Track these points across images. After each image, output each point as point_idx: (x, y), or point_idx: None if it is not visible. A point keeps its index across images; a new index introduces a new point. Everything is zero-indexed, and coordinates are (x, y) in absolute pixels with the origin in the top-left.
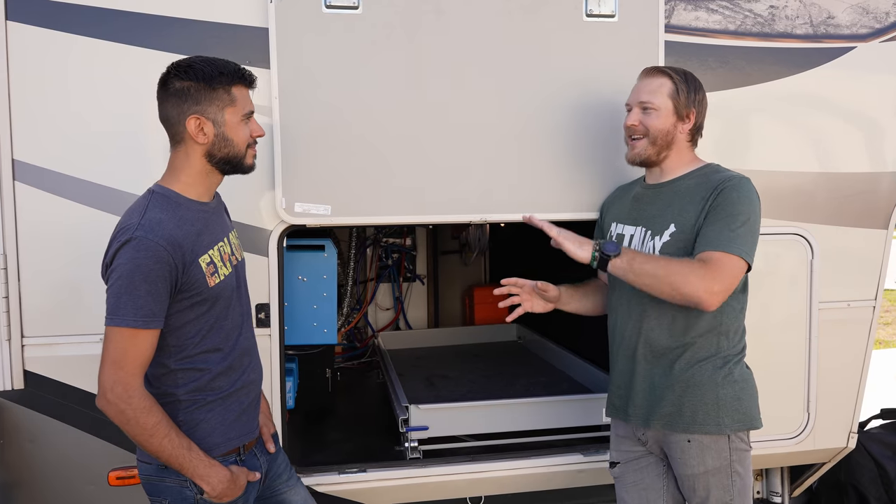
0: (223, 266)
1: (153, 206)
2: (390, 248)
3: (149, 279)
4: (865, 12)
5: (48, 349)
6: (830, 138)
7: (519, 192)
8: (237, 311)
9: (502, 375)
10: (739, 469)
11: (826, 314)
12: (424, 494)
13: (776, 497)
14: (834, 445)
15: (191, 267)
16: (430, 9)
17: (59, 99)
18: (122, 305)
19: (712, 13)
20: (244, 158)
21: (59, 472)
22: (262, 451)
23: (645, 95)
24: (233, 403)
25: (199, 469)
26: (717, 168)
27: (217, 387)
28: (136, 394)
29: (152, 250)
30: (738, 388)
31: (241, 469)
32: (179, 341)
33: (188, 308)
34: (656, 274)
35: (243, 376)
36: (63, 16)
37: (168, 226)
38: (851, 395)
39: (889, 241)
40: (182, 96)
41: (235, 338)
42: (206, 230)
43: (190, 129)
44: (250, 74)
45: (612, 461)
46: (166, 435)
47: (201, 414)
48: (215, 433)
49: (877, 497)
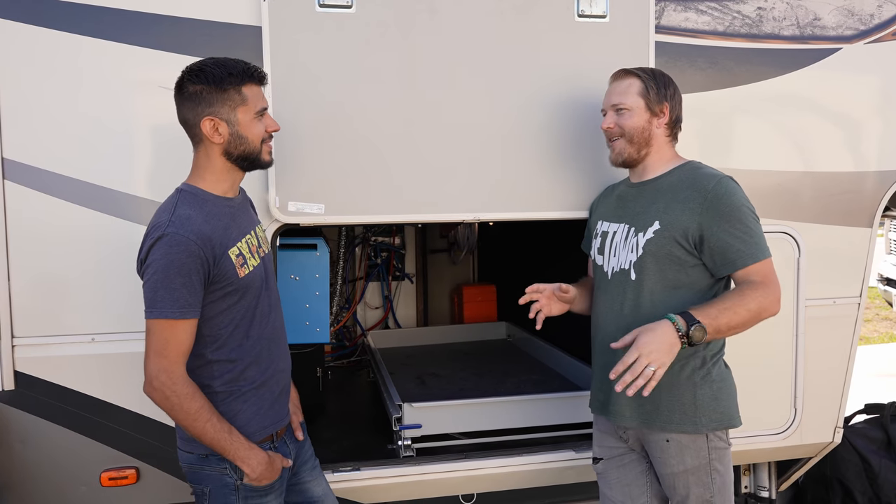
0: (252, 258)
1: (182, 204)
2: (379, 246)
3: (182, 272)
4: (851, 14)
5: (39, 349)
6: (816, 138)
7: (512, 190)
8: (266, 302)
9: (493, 373)
10: (719, 467)
11: (812, 311)
12: (418, 492)
13: (763, 491)
14: (820, 440)
15: (221, 259)
16: (423, 8)
17: (49, 97)
18: (159, 299)
19: (701, 14)
20: (260, 154)
21: (50, 473)
22: (291, 438)
23: (616, 98)
24: (265, 392)
25: (241, 452)
26: (697, 165)
27: (250, 377)
28: (180, 380)
29: (184, 245)
30: (715, 388)
31: (277, 455)
32: (213, 331)
33: (220, 299)
34: (742, 322)
35: (273, 365)
36: (52, 13)
37: (197, 221)
38: (837, 390)
39: (873, 239)
40: (196, 99)
41: (265, 327)
42: (233, 224)
43: (205, 130)
44: (260, 72)
45: (595, 457)
46: (208, 419)
47: (238, 405)
48: (252, 423)
49: (861, 491)
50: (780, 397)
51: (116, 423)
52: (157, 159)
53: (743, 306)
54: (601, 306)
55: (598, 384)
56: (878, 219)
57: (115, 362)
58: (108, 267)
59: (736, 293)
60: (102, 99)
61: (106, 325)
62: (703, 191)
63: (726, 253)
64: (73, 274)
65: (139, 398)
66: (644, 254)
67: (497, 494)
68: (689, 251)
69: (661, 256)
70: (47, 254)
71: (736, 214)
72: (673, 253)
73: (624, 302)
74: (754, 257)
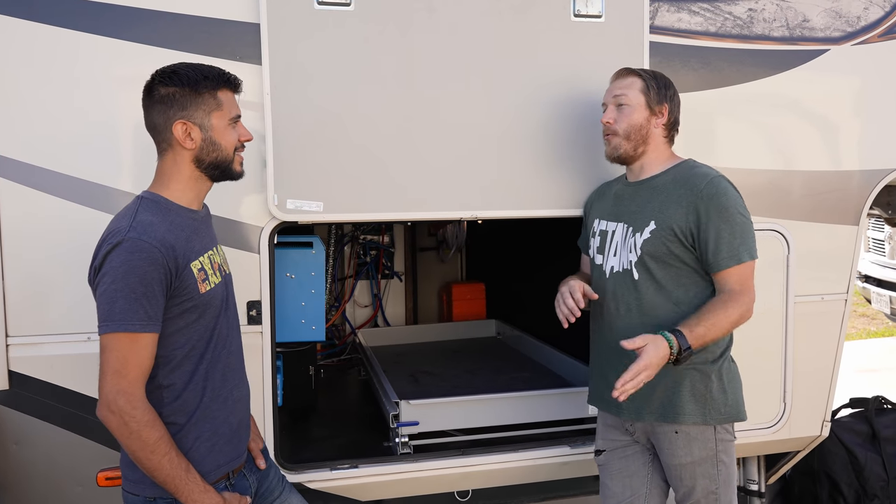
0: (213, 275)
1: (143, 210)
2: (368, 244)
3: (144, 281)
4: (838, 16)
5: (33, 349)
6: (805, 138)
7: (509, 188)
8: (224, 324)
9: (485, 371)
10: (725, 459)
11: (801, 307)
12: (415, 489)
13: (753, 485)
14: (808, 434)
15: (183, 271)
16: (421, 7)
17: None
18: (117, 310)
19: (694, 15)
20: (232, 163)
21: (46, 473)
22: (251, 469)
23: (617, 90)
24: (221, 426)
25: (195, 494)
26: (692, 164)
27: (205, 406)
28: (140, 405)
29: (146, 251)
30: (724, 382)
31: (233, 495)
32: (167, 352)
33: (178, 316)
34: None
35: (231, 394)
36: (48, 7)
37: (160, 228)
38: (825, 385)
39: (860, 236)
40: (168, 102)
41: (220, 350)
42: (195, 237)
43: (177, 134)
44: (235, 78)
45: (597, 449)
46: (166, 453)
47: (189, 440)
48: (205, 461)
49: (848, 483)
50: (769, 392)
51: None
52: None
53: (727, 319)
54: (602, 306)
55: (601, 381)
56: (864, 217)
57: None
58: None
59: (720, 306)
60: (98, 96)
61: None
62: (696, 189)
63: (710, 253)
64: (68, 272)
65: None
66: (643, 254)
67: (492, 490)
68: (687, 248)
69: (660, 256)
70: (41, 252)
71: (724, 215)
72: (672, 251)
73: (627, 301)
74: (736, 259)
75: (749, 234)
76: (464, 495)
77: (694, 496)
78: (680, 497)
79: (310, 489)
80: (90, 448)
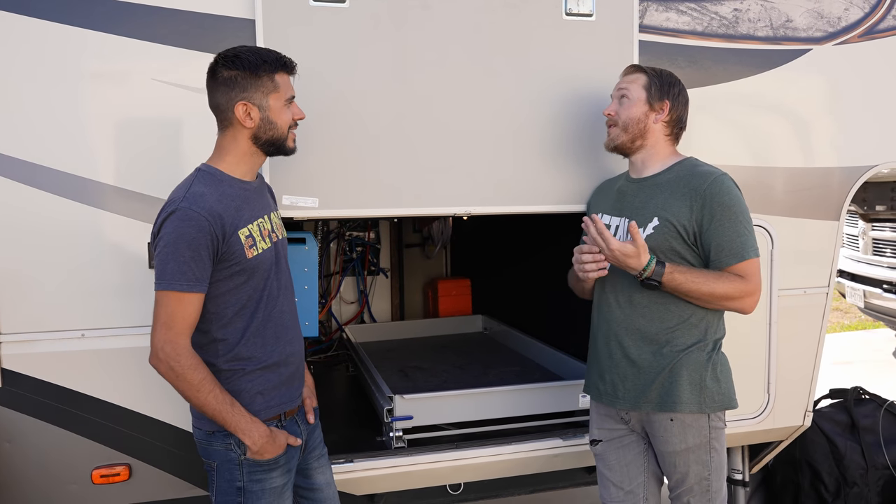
0: (262, 241)
1: (198, 182)
2: (354, 241)
3: (192, 246)
4: (820, 16)
5: (26, 346)
6: (788, 135)
7: (502, 184)
8: (275, 285)
9: (474, 365)
10: (717, 446)
11: (784, 301)
12: (409, 482)
13: (737, 474)
14: (791, 424)
15: (231, 238)
16: (416, 4)
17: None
18: (168, 271)
19: (682, 14)
20: (286, 140)
21: (40, 472)
22: (303, 420)
23: (623, 85)
24: (272, 374)
25: (241, 424)
26: (695, 162)
27: (256, 357)
28: (184, 352)
29: (195, 220)
30: (718, 371)
31: (281, 431)
32: (219, 309)
33: (227, 278)
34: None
35: (281, 347)
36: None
37: (210, 199)
38: (807, 376)
39: (840, 231)
40: (230, 84)
41: (271, 310)
42: (246, 206)
43: (238, 114)
44: (291, 62)
45: (593, 439)
46: (211, 391)
47: (242, 383)
48: (255, 401)
49: (828, 471)
50: (754, 383)
51: (107, 420)
52: (151, 153)
53: (709, 287)
54: (603, 298)
55: (600, 374)
56: (844, 212)
57: (105, 358)
58: (98, 261)
59: (714, 275)
60: (92, 92)
61: (96, 320)
62: (699, 188)
63: (714, 250)
64: (62, 269)
65: (131, 394)
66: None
67: (484, 483)
68: (689, 245)
69: (662, 251)
70: (34, 248)
71: (727, 213)
72: (673, 247)
73: (627, 294)
74: (739, 256)
75: (752, 232)
76: (455, 489)
77: (687, 482)
78: (673, 483)
79: None
80: (84, 446)
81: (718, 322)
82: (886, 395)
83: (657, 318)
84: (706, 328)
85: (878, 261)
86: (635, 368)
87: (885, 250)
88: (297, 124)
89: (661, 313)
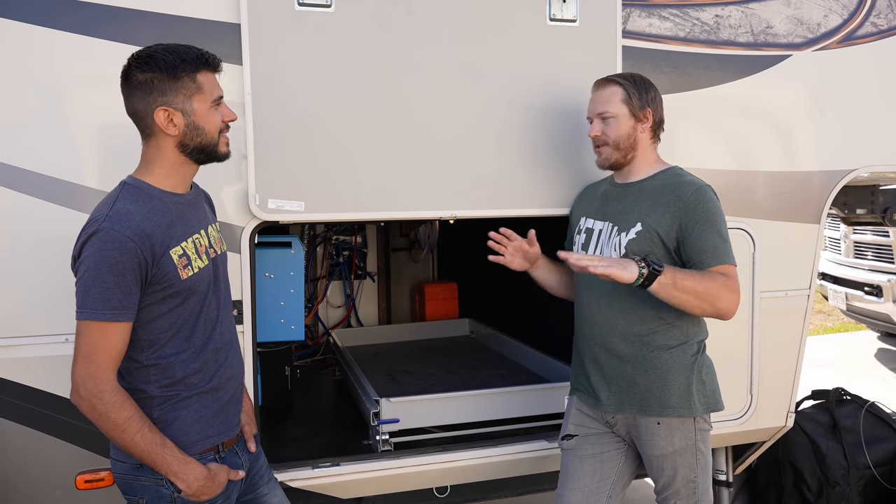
0: (198, 259)
1: (123, 198)
2: (341, 245)
3: (115, 271)
4: (800, 23)
5: (9, 351)
6: (769, 140)
7: (488, 188)
8: (213, 305)
9: (461, 369)
10: (703, 448)
11: (766, 303)
12: (396, 486)
13: (721, 475)
14: (774, 425)
15: (161, 259)
16: (401, 8)
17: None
18: (90, 299)
19: (664, 20)
20: (217, 146)
21: (24, 477)
22: (243, 449)
23: (601, 106)
24: (210, 400)
25: (174, 466)
26: (680, 172)
27: (192, 383)
28: (108, 388)
29: (119, 242)
30: (703, 373)
31: (221, 467)
32: (151, 336)
33: (160, 301)
34: (696, 290)
35: (220, 372)
36: (25, 5)
37: (136, 217)
38: (789, 377)
39: (821, 234)
40: (147, 88)
41: (210, 332)
42: (178, 221)
43: (159, 121)
44: (214, 58)
45: (567, 434)
46: (138, 430)
47: (176, 411)
48: (191, 431)
49: (811, 472)
50: (737, 385)
51: (91, 425)
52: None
53: (704, 284)
54: (585, 302)
55: (585, 376)
56: (825, 215)
57: None
58: None
59: (709, 274)
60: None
61: None
62: (683, 197)
63: (697, 252)
64: (44, 273)
65: None
66: (627, 253)
67: (471, 486)
68: (670, 252)
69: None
70: (16, 252)
71: (710, 220)
72: (654, 253)
73: (608, 296)
74: (721, 259)
75: (730, 243)
76: (442, 491)
77: (674, 485)
78: (660, 487)
79: (291, 488)
80: (68, 451)
81: (702, 322)
82: (868, 396)
83: (637, 320)
84: (690, 329)
85: (859, 263)
86: (620, 371)
87: (867, 253)
88: (228, 127)
89: (641, 314)
